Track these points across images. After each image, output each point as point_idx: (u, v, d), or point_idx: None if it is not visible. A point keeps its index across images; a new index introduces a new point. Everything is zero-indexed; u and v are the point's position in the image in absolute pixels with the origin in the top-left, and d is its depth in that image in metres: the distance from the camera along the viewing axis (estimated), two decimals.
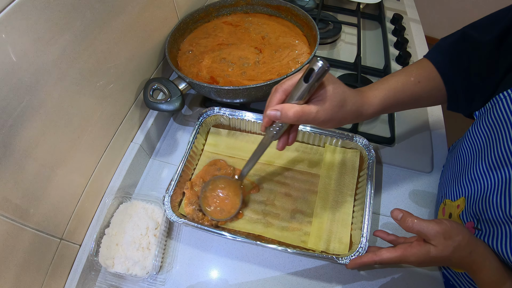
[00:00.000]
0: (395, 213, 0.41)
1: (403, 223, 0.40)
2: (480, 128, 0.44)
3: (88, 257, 0.50)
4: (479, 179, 0.43)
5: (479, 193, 0.42)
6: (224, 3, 0.75)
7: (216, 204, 0.53)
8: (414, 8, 1.02)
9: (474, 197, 0.43)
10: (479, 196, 0.42)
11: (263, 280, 0.51)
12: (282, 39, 0.70)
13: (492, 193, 0.39)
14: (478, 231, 0.41)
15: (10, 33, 0.32)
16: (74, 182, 0.48)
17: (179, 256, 0.53)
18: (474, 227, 0.42)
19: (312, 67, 0.34)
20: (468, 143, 0.48)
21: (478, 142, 0.45)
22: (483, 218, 0.40)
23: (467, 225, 0.44)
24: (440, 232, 0.37)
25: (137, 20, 0.53)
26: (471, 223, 0.43)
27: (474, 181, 0.44)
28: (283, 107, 0.37)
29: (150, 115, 0.64)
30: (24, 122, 0.37)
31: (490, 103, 0.42)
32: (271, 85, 0.56)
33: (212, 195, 0.54)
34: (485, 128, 0.43)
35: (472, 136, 0.47)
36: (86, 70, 0.44)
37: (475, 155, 0.45)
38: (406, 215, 0.40)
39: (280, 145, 0.43)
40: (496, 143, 0.40)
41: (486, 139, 0.43)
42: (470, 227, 0.43)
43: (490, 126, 0.42)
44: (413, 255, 0.39)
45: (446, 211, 0.50)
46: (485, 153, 0.42)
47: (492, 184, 0.40)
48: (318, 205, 0.54)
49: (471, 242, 0.38)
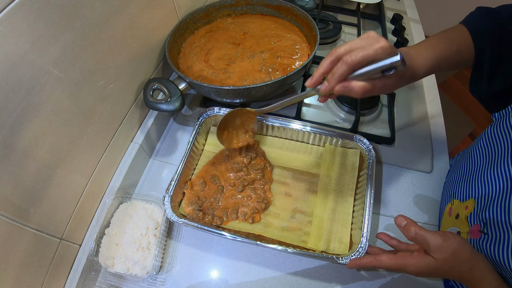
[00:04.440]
0: (399, 220, 0.40)
1: (406, 231, 0.39)
2: (498, 131, 0.44)
3: (88, 257, 0.50)
4: (492, 182, 0.42)
5: (491, 196, 0.41)
6: (224, 3, 0.75)
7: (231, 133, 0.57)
8: (414, 8, 1.02)
9: (485, 200, 0.42)
10: (490, 199, 0.41)
11: (263, 280, 0.51)
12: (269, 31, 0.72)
13: (503, 197, 0.39)
14: (484, 235, 0.41)
15: (10, 33, 0.32)
16: (74, 182, 0.48)
17: (179, 256, 0.53)
18: (480, 231, 0.41)
19: (394, 65, 0.36)
20: (484, 144, 0.47)
21: (495, 145, 0.44)
22: (490, 222, 0.40)
23: (473, 228, 0.43)
24: (442, 246, 0.37)
25: (137, 20, 0.53)
26: (477, 226, 0.42)
27: (486, 184, 0.43)
28: (350, 85, 0.38)
29: (150, 115, 0.64)
30: (24, 122, 0.37)
31: (509, 108, 0.42)
32: (271, 85, 0.56)
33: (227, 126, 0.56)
34: (504, 132, 0.42)
35: (489, 138, 0.46)
36: (86, 70, 0.44)
37: (490, 157, 0.45)
38: (410, 224, 0.39)
39: (323, 99, 0.45)
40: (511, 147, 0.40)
41: (503, 142, 0.42)
42: (476, 230, 0.42)
43: (507, 130, 0.41)
44: (412, 265, 0.39)
45: (454, 211, 0.49)
46: (500, 156, 0.42)
47: (503, 188, 0.39)
48: (318, 205, 0.54)
49: (473, 258, 0.38)
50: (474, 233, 0.42)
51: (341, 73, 0.38)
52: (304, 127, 0.60)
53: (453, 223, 0.48)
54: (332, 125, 0.66)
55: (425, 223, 0.57)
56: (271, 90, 0.58)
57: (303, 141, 0.62)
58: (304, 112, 0.70)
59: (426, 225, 0.56)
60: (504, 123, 0.43)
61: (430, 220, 0.57)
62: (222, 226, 0.52)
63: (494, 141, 0.45)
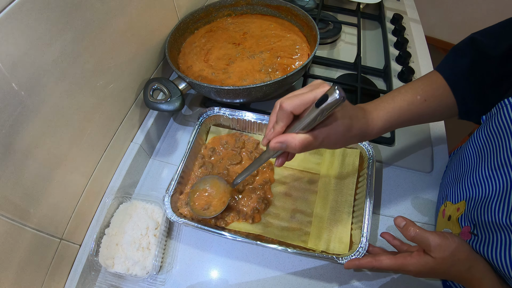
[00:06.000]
0: (398, 221, 0.41)
1: (405, 232, 0.40)
2: (484, 133, 0.44)
3: (88, 257, 0.50)
4: (480, 183, 0.42)
5: (480, 197, 0.42)
6: (224, 3, 0.75)
7: (202, 200, 0.53)
8: (414, 8, 1.02)
9: (474, 202, 0.43)
10: (479, 200, 0.41)
11: (263, 280, 0.51)
12: (268, 31, 0.72)
13: (492, 199, 0.39)
14: (474, 236, 0.41)
15: (10, 33, 0.32)
16: (74, 182, 0.48)
17: (179, 256, 0.53)
18: (471, 232, 0.42)
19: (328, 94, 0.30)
20: (472, 146, 0.47)
21: (482, 147, 0.44)
22: (480, 223, 0.40)
23: (464, 229, 0.43)
24: (440, 245, 0.37)
25: (137, 20, 0.53)
26: (467, 227, 0.43)
27: (475, 185, 0.43)
28: (287, 139, 0.35)
29: (150, 115, 0.64)
30: (24, 122, 0.37)
31: (495, 109, 0.42)
32: (271, 85, 0.56)
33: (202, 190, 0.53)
34: (489, 133, 0.43)
35: (476, 140, 0.46)
36: (86, 70, 0.44)
37: (478, 159, 0.45)
38: (409, 224, 0.40)
39: (279, 162, 0.41)
40: (498, 148, 0.40)
41: (489, 144, 0.42)
42: (467, 232, 0.43)
43: (493, 132, 0.42)
44: (411, 265, 0.39)
45: (446, 213, 0.50)
46: (487, 158, 0.42)
47: (492, 190, 0.40)
48: (318, 205, 0.54)
49: (471, 258, 0.38)
50: (465, 234, 0.43)
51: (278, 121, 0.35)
52: None
53: (446, 225, 0.48)
54: None
55: (425, 223, 0.57)
56: (271, 90, 0.58)
57: None
58: None
59: (426, 226, 0.56)
60: (489, 125, 0.43)
61: (429, 220, 0.57)
62: (222, 226, 0.52)
63: (481, 143, 0.45)
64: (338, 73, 0.79)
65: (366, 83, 0.74)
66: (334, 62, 0.81)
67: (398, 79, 0.77)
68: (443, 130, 0.69)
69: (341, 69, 0.80)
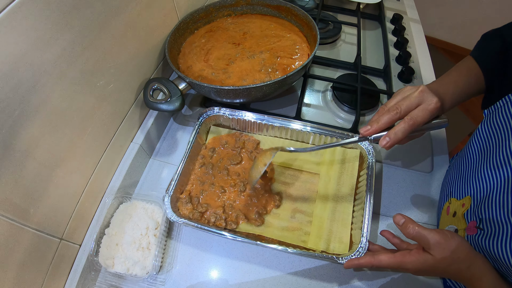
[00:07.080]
0: (397, 218, 0.41)
1: (404, 229, 0.40)
2: (488, 128, 0.45)
3: (88, 257, 0.50)
4: (485, 178, 0.43)
5: (485, 192, 0.42)
6: (224, 3, 0.75)
7: None
8: (414, 8, 1.02)
9: (480, 197, 0.43)
10: (485, 195, 0.42)
11: (263, 280, 0.51)
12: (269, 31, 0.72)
13: (496, 193, 0.39)
14: (480, 231, 0.41)
15: (10, 33, 0.32)
16: (74, 182, 0.48)
17: (179, 256, 0.53)
18: (477, 227, 0.42)
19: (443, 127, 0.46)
20: (476, 141, 0.48)
21: (485, 141, 0.45)
22: (486, 218, 0.40)
23: (470, 224, 0.43)
24: (440, 242, 0.37)
25: (137, 20, 0.53)
26: (473, 222, 0.43)
27: (480, 180, 0.44)
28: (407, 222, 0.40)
29: (150, 115, 0.64)
30: (24, 122, 0.37)
31: (498, 104, 0.42)
32: (271, 85, 0.56)
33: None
34: (492, 128, 0.43)
35: (480, 135, 0.47)
36: (86, 70, 0.44)
37: (482, 154, 0.45)
38: (408, 221, 0.40)
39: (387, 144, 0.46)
40: (503, 143, 0.40)
41: (493, 139, 0.43)
42: (473, 227, 0.43)
43: (497, 126, 0.42)
44: (411, 262, 0.39)
45: (451, 209, 0.50)
46: (491, 152, 0.42)
47: (496, 184, 0.40)
48: (318, 205, 0.54)
49: (470, 256, 0.38)
50: (471, 229, 0.43)
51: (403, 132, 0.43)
52: (304, 127, 0.60)
53: (451, 221, 0.48)
54: (332, 125, 0.66)
55: (425, 223, 0.57)
56: (271, 90, 0.58)
57: (303, 141, 0.62)
58: (304, 112, 0.70)
59: (426, 225, 0.56)
60: (492, 119, 0.43)
61: (430, 220, 0.57)
62: (222, 226, 0.52)
63: (485, 138, 0.45)
64: (338, 73, 0.79)
65: (366, 83, 0.74)
66: (334, 62, 0.81)
67: (398, 79, 0.77)
68: (443, 130, 0.68)
69: (341, 69, 0.80)
